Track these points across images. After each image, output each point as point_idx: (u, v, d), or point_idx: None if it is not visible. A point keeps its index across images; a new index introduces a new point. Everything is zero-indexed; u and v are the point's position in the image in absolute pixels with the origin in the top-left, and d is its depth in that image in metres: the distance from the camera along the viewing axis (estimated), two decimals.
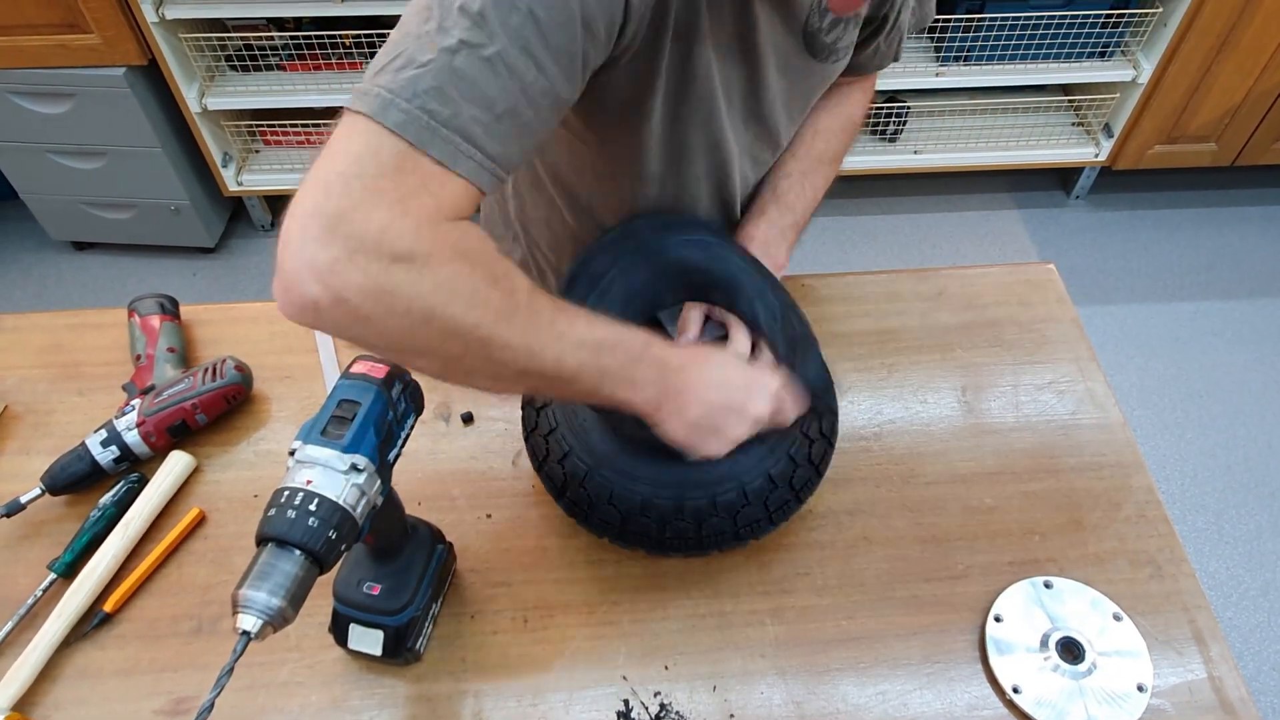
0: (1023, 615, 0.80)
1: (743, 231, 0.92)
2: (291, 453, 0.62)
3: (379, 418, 0.64)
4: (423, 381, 0.96)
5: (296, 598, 0.58)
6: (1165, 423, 2.14)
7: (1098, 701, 0.75)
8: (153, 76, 2.09)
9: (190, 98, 2.12)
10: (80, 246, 2.50)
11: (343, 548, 0.61)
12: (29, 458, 0.91)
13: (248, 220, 2.55)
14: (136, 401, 0.89)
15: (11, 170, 2.23)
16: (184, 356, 0.97)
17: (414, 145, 0.57)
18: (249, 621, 0.56)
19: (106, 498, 0.86)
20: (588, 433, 0.80)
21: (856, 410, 0.96)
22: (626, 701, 0.76)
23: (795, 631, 0.80)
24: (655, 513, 0.78)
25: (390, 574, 0.75)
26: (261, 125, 2.32)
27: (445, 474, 0.90)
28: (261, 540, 0.59)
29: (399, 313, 0.55)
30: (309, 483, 0.60)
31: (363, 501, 0.62)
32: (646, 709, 0.76)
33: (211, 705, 0.57)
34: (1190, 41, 2.12)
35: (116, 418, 0.88)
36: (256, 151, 2.39)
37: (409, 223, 0.56)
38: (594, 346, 0.65)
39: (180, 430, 0.90)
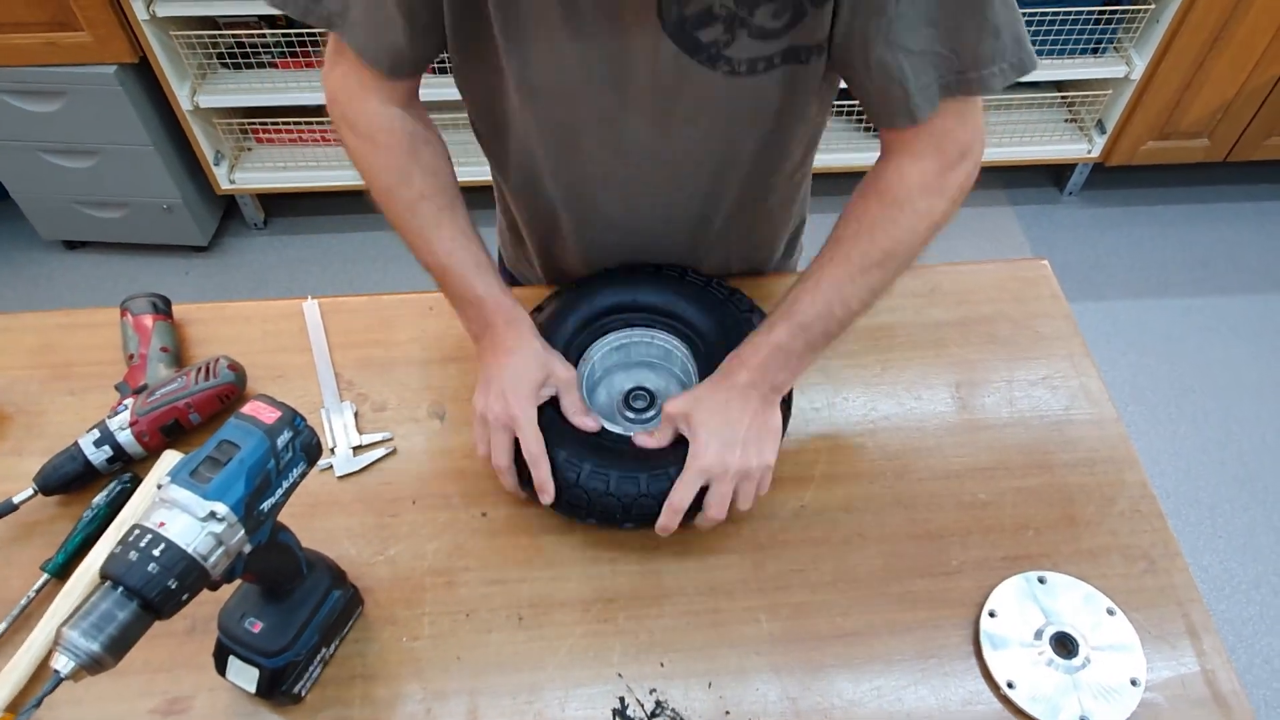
0: (1017, 610, 0.80)
1: (736, 353, 0.83)
2: (160, 487, 0.60)
3: (255, 465, 0.62)
4: (407, 386, 0.96)
5: (118, 645, 0.56)
6: (1159, 418, 2.14)
7: (1091, 696, 0.75)
8: (144, 74, 2.08)
9: (182, 96, 2.11)
10: (72, 245, 2.49)
11: (184, 598, 0.58)
12: (21, 458, 0.91)
13: (240, 219, 2.54)
14: (129, 401, 0.89)
15: (2, 169, 2.22)
16: (177, 356, 0.97)
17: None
18: (62, 662, 0.55)
19: (99, 498, 0.85)
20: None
21: (850, 406, 0.96)
22: (622, 699, 0.76)
23: (790, 628, 0.80)
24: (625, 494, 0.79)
25: (275, 613, 0.72)
26: (254, 123, 2.32)
27: (441, 472, 0.90)
28: (103, 576, 0.57)
29: (345, 149, 0.87)
30: (161, 525, 0.58)
31: (218, 552, 0.59)
32: (642, 706, 0.76)
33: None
34: (1182, 38, 2.13)
35: (109, 417, 0.88)
36: (249, 150, 2.38)
37: (345, 94, 0.84)
38: (441, 269, 0.86)
39: (173, 430, 0.90)
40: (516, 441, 0.81)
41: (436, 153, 0.87)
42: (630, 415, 0.90)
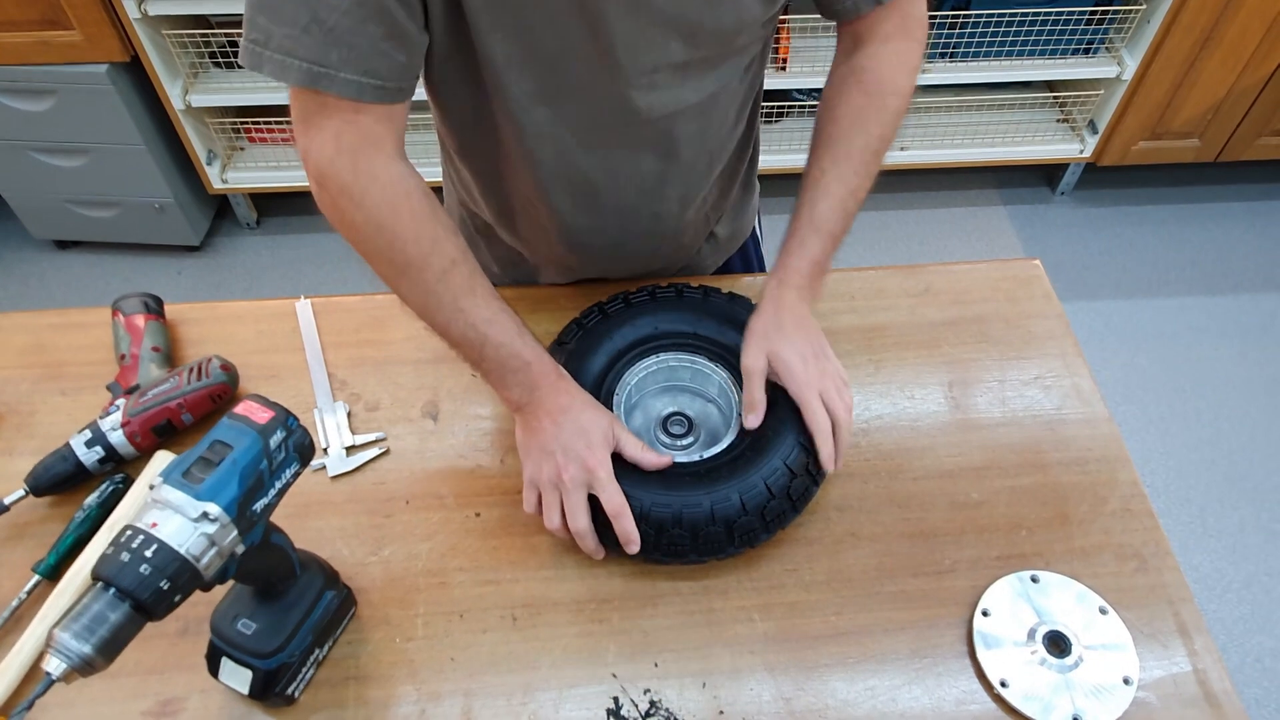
0: (1010, 609, 0.80)
1: (779, 275, 0.86)
2: (152, 487, 0.60)
3: (248, 466, 0.61)
4: (400, 385, 0.96)
5: (110, 646, 0.56)
6: (1150, 417, 2.15)
7: (1084, 694, 0.75)
8: (135, 73, 2.07)
9: (174, 95, 2.10)
10: (63, 245, 2.48)
11: (176, 599, 0.58)
12: (12, 459, 0.90)
13: (233, 218, 2.53)
14: (121, 401, 0.89)
15: None
16: (169, 356, 0.97)
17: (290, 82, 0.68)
18: (53, 664, 0.55)
19: (91, 498, 0.85)
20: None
21: None
22: (616, 699, 0.76)
23: (784, 628, 0.80)
24: (653, 522, 0.78)
25: (268, 614, 0.72)
26: (246, 122, 2.31)
27: (433, 473, 0.90)
28: (95, 578, 0.57)
29: (346, 229, 0.76)
30: (154, 526, 0.57)
31: (211, 552, 0.59)
32: (636, 706, 0.76)
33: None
34: (1174, 38, 2.14)
35: (101, 418, 0.88)
36: (241, 149, 2.37)
37: (345, 159, 0.72)
38: (479, 340, 0.78)
39: (165, 430, 0.89)
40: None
41: (442, 207, 0.79)
42: (666, 440, 0.89)
